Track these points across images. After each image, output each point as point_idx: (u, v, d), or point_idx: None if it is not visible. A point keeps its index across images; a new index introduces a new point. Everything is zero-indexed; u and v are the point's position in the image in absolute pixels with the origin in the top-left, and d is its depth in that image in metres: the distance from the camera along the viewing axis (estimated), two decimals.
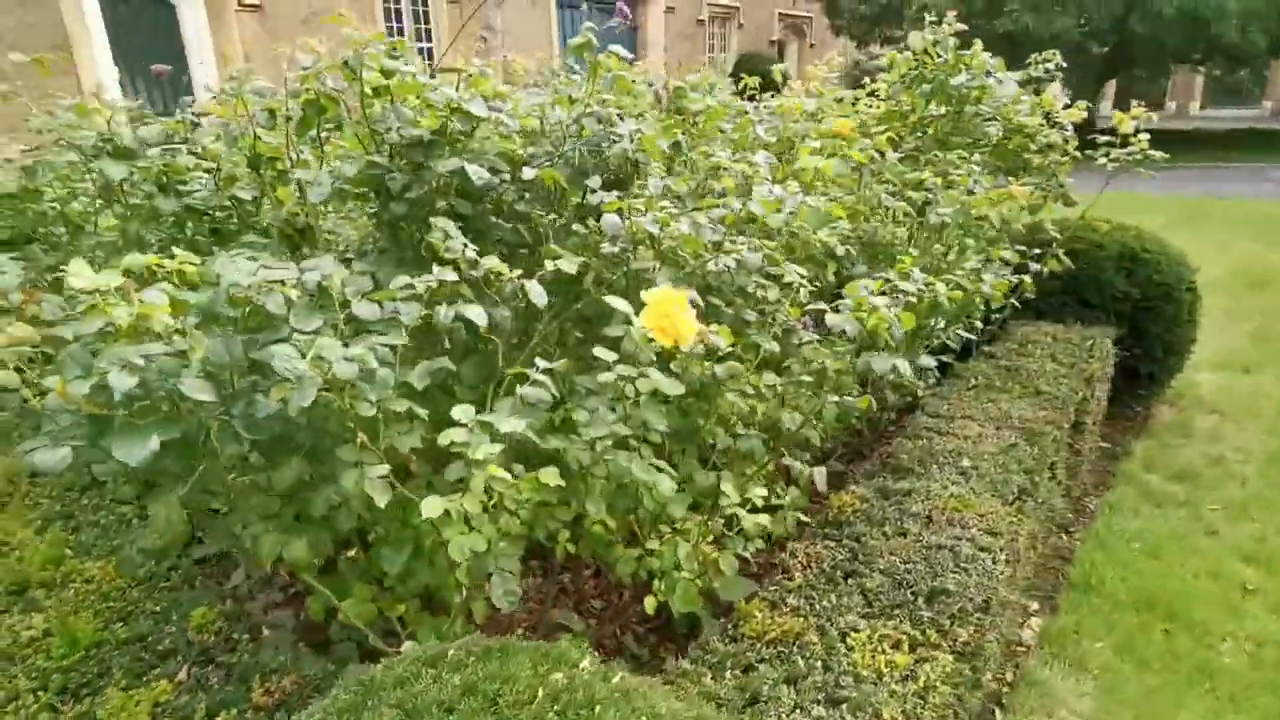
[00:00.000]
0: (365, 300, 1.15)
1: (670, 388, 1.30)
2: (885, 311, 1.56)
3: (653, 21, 19.54)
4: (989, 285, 2.03)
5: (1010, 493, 2.00)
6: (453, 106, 1.40)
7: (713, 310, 1.73)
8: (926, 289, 1.86)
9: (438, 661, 1.04)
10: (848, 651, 1.47)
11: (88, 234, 1.95)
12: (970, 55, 2.82)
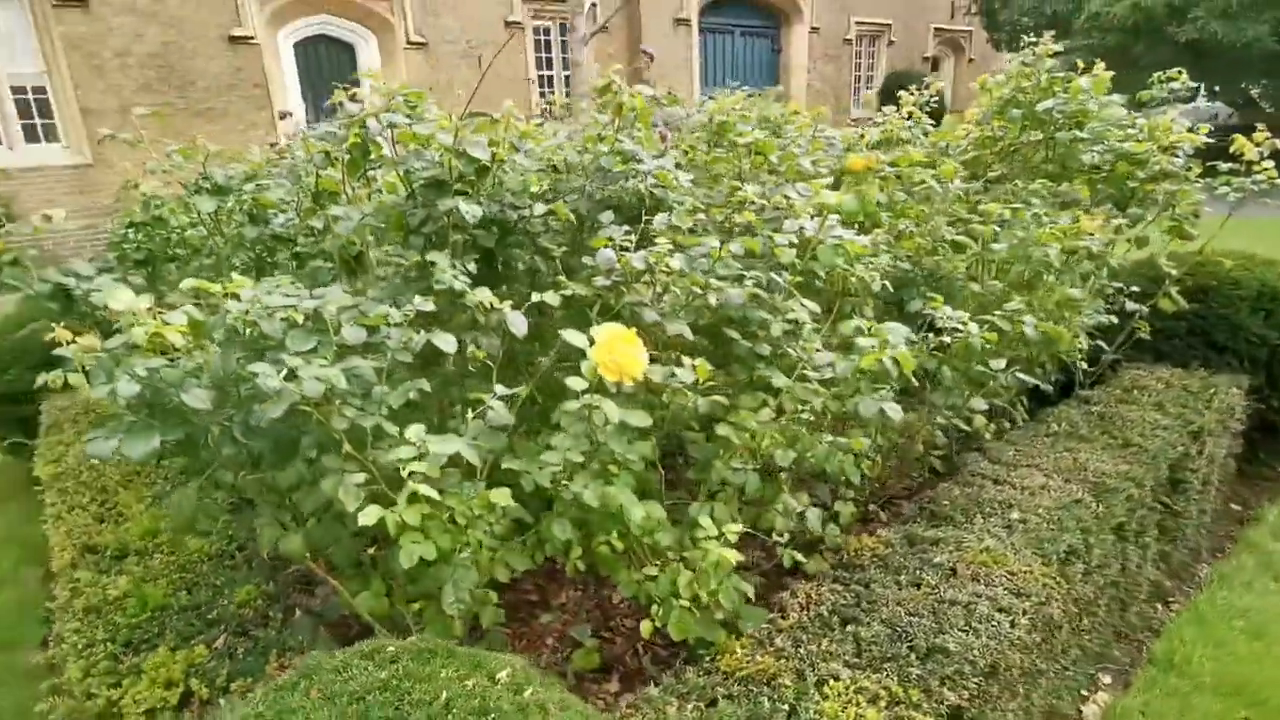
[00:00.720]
0: (353, 325, 1.30)
1: (634, 419, 1.34)
2: (880, 352, 1.50)
3: (796, 44, 19.36)
4: (1031, 327, 1.86)
5: (1056, 552, 1.84)
6: (456, 151, 1.54)
7: (725, 342, 1.75)
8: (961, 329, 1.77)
9: (375, 655, 1.15)
10: (820, 699, 1.43)
11: (202, 255, 2.28)
12: (1068, 77, 2.61)
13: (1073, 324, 2.27)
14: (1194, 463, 2.49)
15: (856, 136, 2.66)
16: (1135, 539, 2.22)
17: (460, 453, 1.19)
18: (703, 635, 1.63)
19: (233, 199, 1.97)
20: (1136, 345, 3.19)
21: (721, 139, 2.35)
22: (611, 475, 1.45)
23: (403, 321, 1.30)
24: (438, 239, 1.60)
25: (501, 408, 1.29)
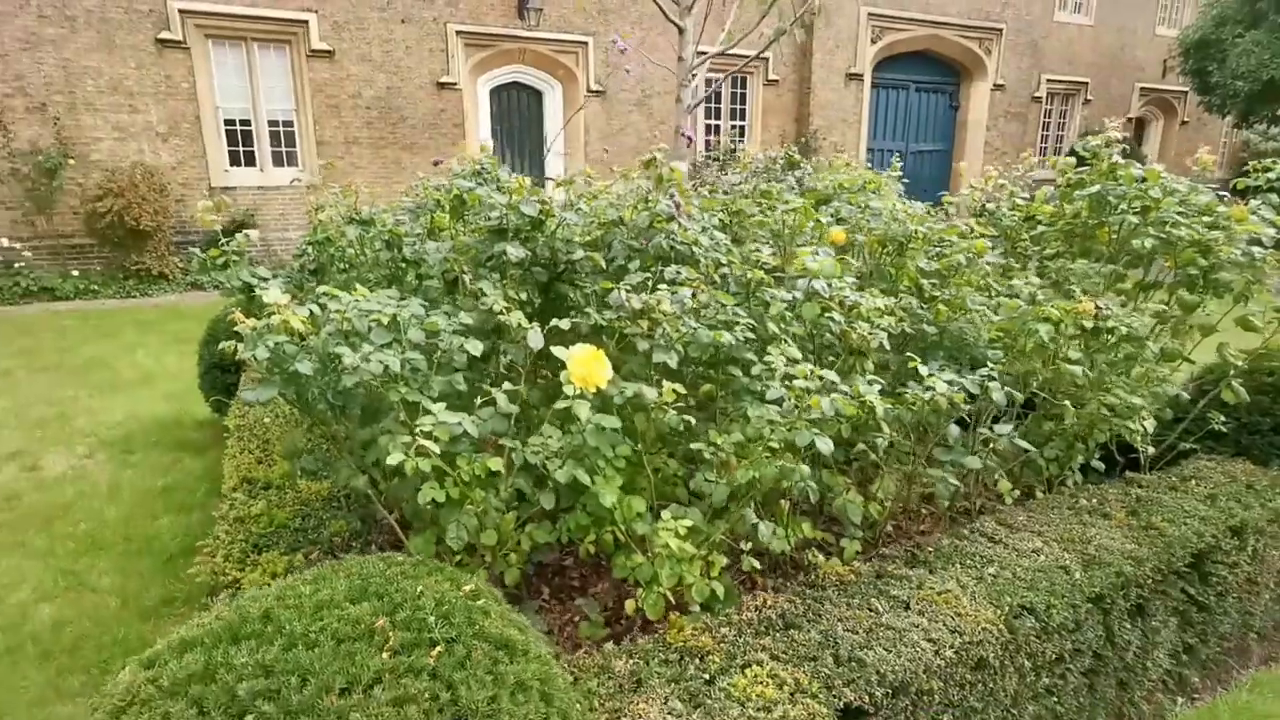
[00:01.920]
0: (417, 329, 1.80)
1: (606, 421, 1.72)
2: (820, 400, 1.78)
3: (976, 100, 18.81)
4: (942, 394, 1.97)
5: (1010, 604, 1.98)
6: (513, 208, 2.02)
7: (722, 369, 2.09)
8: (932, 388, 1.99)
9: (388, 561, 1.61)
10: (736, 676, 1.72)
11: (359, 268, 2.94)
12: (1123, 164, 2.67)
13: (1093, 400, 2.34)
14: (1230, 557, 2.45)
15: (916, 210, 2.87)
16: (1132, 618, 2.25)
17: (461, 425, 1.64)
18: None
19: (374, 229, 2.60)
20: (1217, 437, 3.10)
21: (769, 206, 2.68)
22: (597, 467, 1.84)
23: (447, 329, 1.78)
24: (499, 272, 2.09)
25: (504, 400, 1.73)
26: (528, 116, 15.05)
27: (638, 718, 1.57)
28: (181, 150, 11.34)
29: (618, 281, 2.15)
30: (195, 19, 11.11)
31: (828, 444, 1.76)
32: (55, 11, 10.25)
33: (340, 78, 12.32)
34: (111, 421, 4.84)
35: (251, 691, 1.18)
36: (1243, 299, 2.70)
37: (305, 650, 1.26)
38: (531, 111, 14.95)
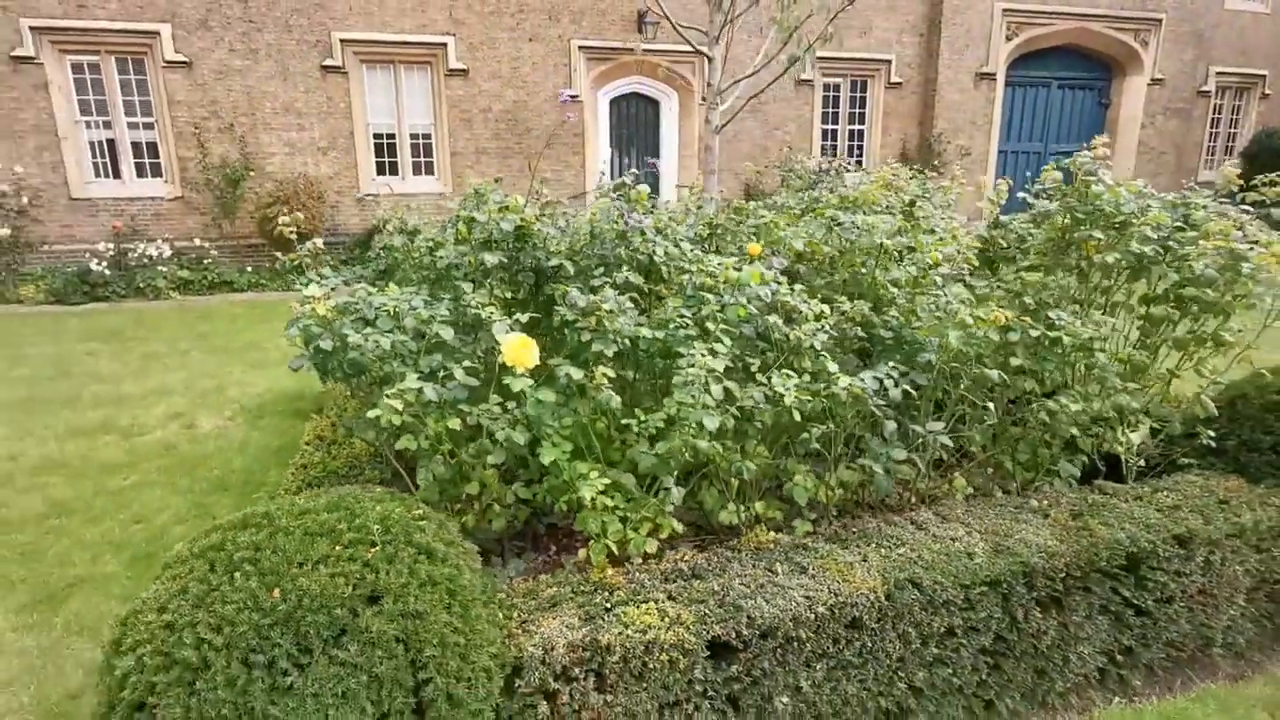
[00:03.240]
0: (410, 318, 2.33)
1: (543, 395, 2.15)
2: (713, 387, 2.12)
3: (1129, 97, 17.41)
4: (842, 388, 2.16)
5: (895, 578, 2.23)
6: (496, 224, 2.50)
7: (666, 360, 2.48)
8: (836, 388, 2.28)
9: (364, 490, 2.15)
10: (632, 606, 2.11)
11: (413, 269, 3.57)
12: (1096, 182, 2.74)
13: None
14: (1172, 565, 2.51)
15: None
16: (1043, 609, 2.40)
17: (425, 393, 2.14)
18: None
19: (420, 238, 3.19)
20: (1218, 453, 3.08)
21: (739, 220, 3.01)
22: (545, 434, 2.30)
23: (436, 319, 2.30)
24: (491, 275, 2.59)
25: (461, 373, 2.21)
26: (645, 124, 15.67)
27: (541, 625, 2.02)
28: (337, 162, 12.89)
29: (587, 284, 2.59)
30: (354, 46, 12.60)
31: (714, 420, 2.12)
32: (243, 46, 12.01)
33: (473, 94, 13.48)
34: (254, 393, 5.85)
35: (242, 558, 1.75)
36: (1223, 315, 2.70)
37: (283, 537, 1.81)
38: (649, 120, 15.55)
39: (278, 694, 1.56)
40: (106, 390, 5.96)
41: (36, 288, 10.47)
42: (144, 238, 11.77)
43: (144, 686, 1.57)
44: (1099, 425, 3.04)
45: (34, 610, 2.97)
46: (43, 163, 11.41)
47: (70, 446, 4.74)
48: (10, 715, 2.40)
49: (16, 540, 3.53)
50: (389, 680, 1.66)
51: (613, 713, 2.01)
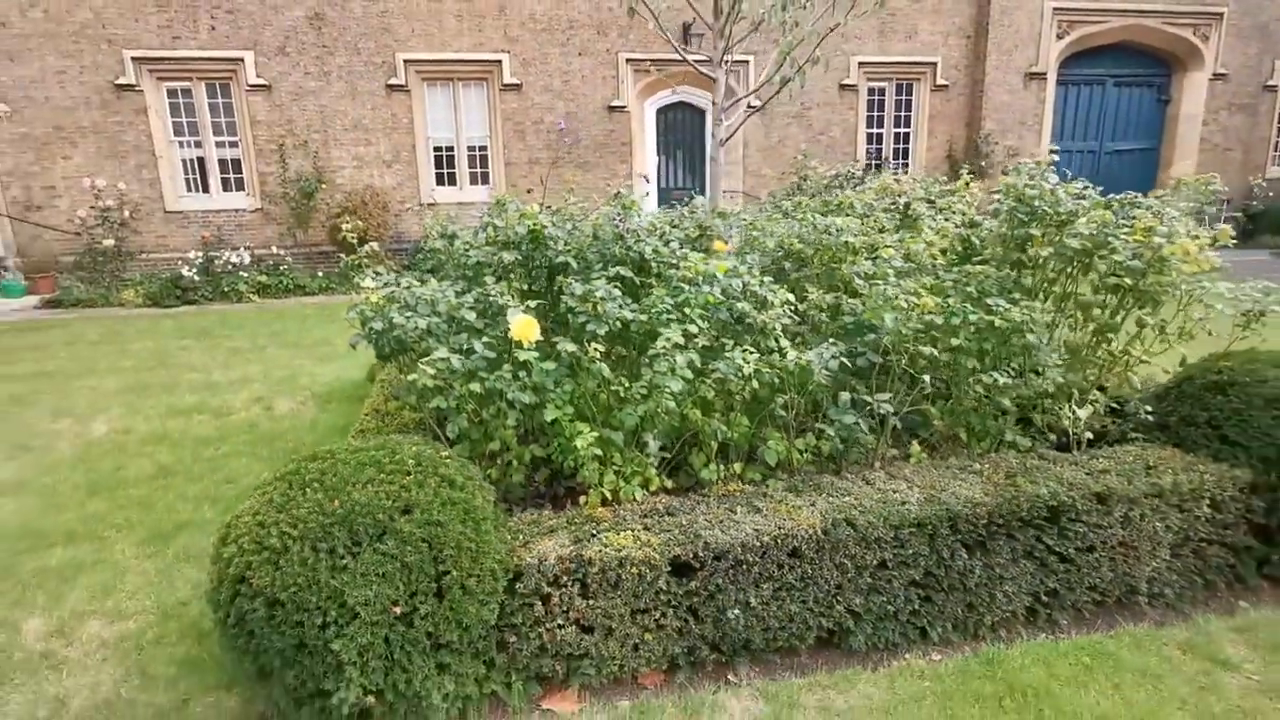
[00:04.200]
0: (446, 302, 2.90)
1: (547, 366, 2.69)
2: (678, 357, 2.61)
3: (1190, 93, 17.01)
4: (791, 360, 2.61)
5: (832, 518, 2.69)
6: (510, 228, 3.05)
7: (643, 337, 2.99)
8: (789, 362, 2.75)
9: (407, 437, 2.73)
10: (613, 533, 2.62)
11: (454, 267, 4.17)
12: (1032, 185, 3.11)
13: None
14: (1092, 519, 2.88)
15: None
16: (969, 550, 2.81)
17: (450, 361, 2.70)
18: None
19: (456, 242, 3.78)
20: (1164, 428, 3.41)
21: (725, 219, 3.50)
22: (548, 398, 2.84)
23: (464, 306, 2.87)
24: (511, 271, 3.15)
25: (480, 347, 2.76)
26: (691, 132, 16.17)
27: (539, 545, 2.55)
28: (400, 174, 13.83)
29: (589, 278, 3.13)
30: (416, 66, 13.51)
31: (678, 383, 2.62)
32: (316, 69, 13.05)
33: (526, 106, 14.24)
34: (323, 382, 6.60)
35: (311, 479, 2.34)
36: (1151, 302, 3.05)
37: (342, 465, 2.40)
38: (695, 128, 16.05)
39: (336, 571, 2.14)
40: (199, 378, 6.81)
41: (136, 292, 11.64)
42: (228, 246, 12.89)
43: (243, 564, 2.17)
44: (1047, 400, 3.41)
45: (151, 544, 3.67)
46: (141, 180, 12.65)
47: (171, 423, 5.54)
48: (139, 614, 3.08)
49: (134, 494, 4.28)
50: (416, 568, 2.22)
51: (594, 614, 2.53)
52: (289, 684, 2.19)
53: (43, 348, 8.30)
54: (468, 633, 2.34)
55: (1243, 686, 2.60)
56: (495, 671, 2.53)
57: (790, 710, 2.51)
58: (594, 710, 2.53)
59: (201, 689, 2.64)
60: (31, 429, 5.50)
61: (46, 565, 3.49)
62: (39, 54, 12.00)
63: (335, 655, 2.13)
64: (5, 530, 3.86)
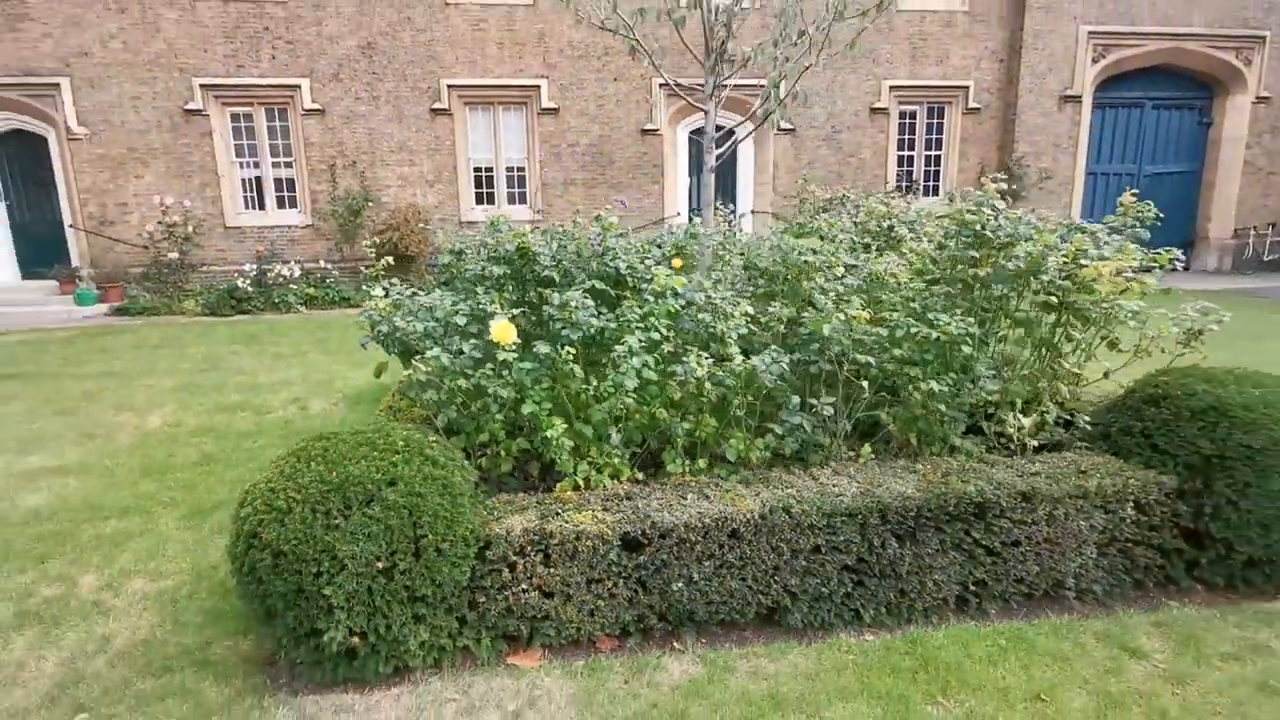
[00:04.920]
0: (443, 309, 3.32)
1: (525, 365, 3.09)
2: (632, 360, 2.98)
3: (1232, 115, 16.78)
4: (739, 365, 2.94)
5: (769, 504, 3.01)
6: (501, 245, 3.47)
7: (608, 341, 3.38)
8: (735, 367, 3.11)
9: (396, 422, 3.15)
10: (575, 513, 3.00)
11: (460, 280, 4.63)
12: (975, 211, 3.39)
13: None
14: (1017, 515, 3.14)
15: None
16: (899, 540, 3.09)
17: (441, 359, 3.12)
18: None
19: (464, 258, 4.23)
20: (1106, 437, 3.65)
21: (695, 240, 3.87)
22: (527, 395, 3.24)
23: (458, 313, 3.30)
24: (503, 283, 3.57)
25: (468, 348, 3.17)
26: None
27: (508, 520, 2.94)
28: (442, 193, 14.54)
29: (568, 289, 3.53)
30: (459, 91, 14.25)
31: (633, 382, 2.99)
32: (366, 94, 13.87)
33: (562, 130, 14.85)
34: (354, 386, 7.14)
35: (314, 455, 2.78)
36: (1082, 319, 3.30)
37: (341, 444, 2.83)
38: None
39: (330, 530, 2.56)
40: (245, 380, 7.43)
41: (195, 302, 12.52)
42: (280, 260, 13.73)
43: (255, 522, 2.61)
44: (995, 409, 3.67)
45: (190, 519, 4.18)
46: (205, 197, 13.60)
47: (217, 418, 6.12)
48: (176, 574, 3.56)
49: (179, 477, 4.81)
50: (398, 530, 2.62)
51: (554, 581, 2.90)
52: (289, 624, 2.62)
53: (110, 350, 9.09)
54: (441, 589, 2.73)
55: (1147, 673, 2.82)
56: (467, 629, 2.92)
57: (724, 673, 2.83)
58: (553, 666, 2.90)
59: (223, 635, 3.09)
60: (97, 420, 6.14)
61: (102, 533, 4.02)
62: (117, 81, 13.06)
63: (326, 600, 2.55)
64: (70, 503, 4.42)
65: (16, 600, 3.37)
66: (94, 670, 2.88)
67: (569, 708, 2.66)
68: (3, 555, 3.78)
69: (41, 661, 2.94)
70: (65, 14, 12.75)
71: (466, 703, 2.69)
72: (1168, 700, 2.66)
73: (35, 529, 4.08)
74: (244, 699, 2.71)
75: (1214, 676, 2.78)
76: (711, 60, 5.03)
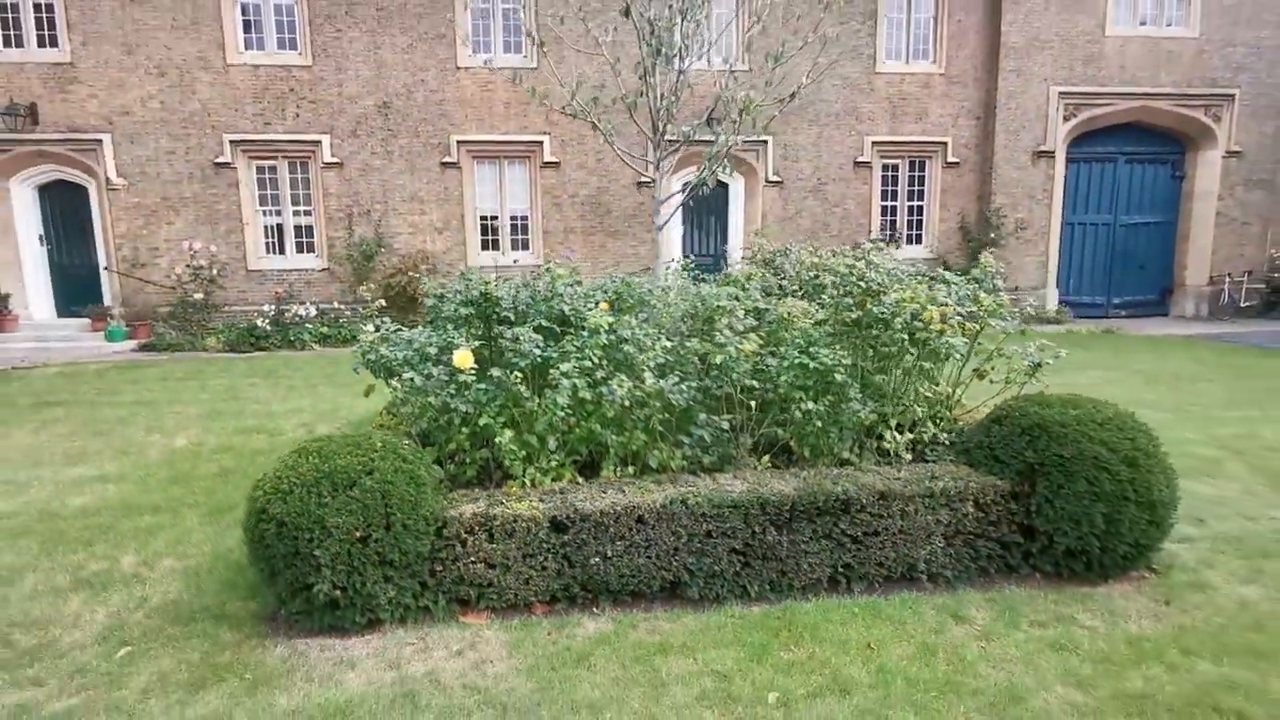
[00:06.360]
0: (419, 341, 4.16)
1: (481, 384, 3.90)
2: (563, 382, 3.79)
3: (1204, 169, 17.62)
4: (650, 385, 3.76)
5: (674, 498, 3.78)
6: (468, 289, 4.32)
7: None
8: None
9: (387, 432, 3.96)
10: (515, 503, 3.77)
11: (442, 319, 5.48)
12: (850, 262, 4.23)
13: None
14: (875, 510, 3.88)
15: None
16: (777, 528, 3.84)
17: (414, 380, 3.93)
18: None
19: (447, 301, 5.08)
20: (966, 452, 4.39)
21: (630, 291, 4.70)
22: (485, 411, 4.05)
23: (429, 344, 4.13)
24: (469, 321, 4.41)
25: (436, 371, 3.99)
26: (714, 205, 17.58)
27: (462, 506, 3.72)
28: (450, 240, 15.60)
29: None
30: (468, 146, 15.40)
31: (565, 398, 3.80)
32: (381, 149, 15.06)
33: (563, 182, 15.95)
34: (358, 413, 7.98)
35: (311, 452, 3.59)
36: (932, 354, 4.09)
37: (333, 444, 3.65)
38: (718, 200, 17.46)
39: (321, 506, 3.35)
40: (260, 408, 8.30)
41: (217, 339, 13.50)
42: (296, 300, 14.76)
43: (264, 500, 3.41)
44: (879, 428, 4.44)
45: (211, 516, 4.98)
46: (230, 243, 14.72)
47: (235, 439, 6.97)
48: (198, 556, 4.36)
49: (201, 485, 5.64)
50: (372, 509, 3.41)
51: (496, 555, 3.67)
52: (288, 579, 3.40)
53: (140, 382, 10.02)
54: (406, 556, 3.51)
55: (964, 633, 3.53)
56: (427, 592, 3.68)
57: (628, 629, 3.56)
58: (494, 623, 3.64)
59: (235, 598, 3.87)
60: (130, 440, 7.00)
61: (138, 525, 4.83)
62: (154, 137, 14.32)
63: (316, 559, 3.34)
64: (110, 504, 5.24)
65: (72, 572, 4.18)
66: (134, 620, 3.66)
67: (502, 649, 3.40)
68: (58, 540, 4.60)
69: (94, 613, 3.73)
70: (111, 77, 14.08)
71: (422, 645, 3.44)
72: (973, 651, 3.36)
73: (82, 522, 4.90)
74: (250, 641, 3.48)
75: (1017, 636, 3.48)
76: (657, 138, 5.93)
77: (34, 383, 9.98)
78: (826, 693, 3.04)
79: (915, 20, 16.77)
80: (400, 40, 14.82)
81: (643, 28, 5.72)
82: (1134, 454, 3.84)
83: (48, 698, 3.06)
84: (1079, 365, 10.51)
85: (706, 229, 17.57)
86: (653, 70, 5.86)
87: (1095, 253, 18.24)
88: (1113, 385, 8.97)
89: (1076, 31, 16.67)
